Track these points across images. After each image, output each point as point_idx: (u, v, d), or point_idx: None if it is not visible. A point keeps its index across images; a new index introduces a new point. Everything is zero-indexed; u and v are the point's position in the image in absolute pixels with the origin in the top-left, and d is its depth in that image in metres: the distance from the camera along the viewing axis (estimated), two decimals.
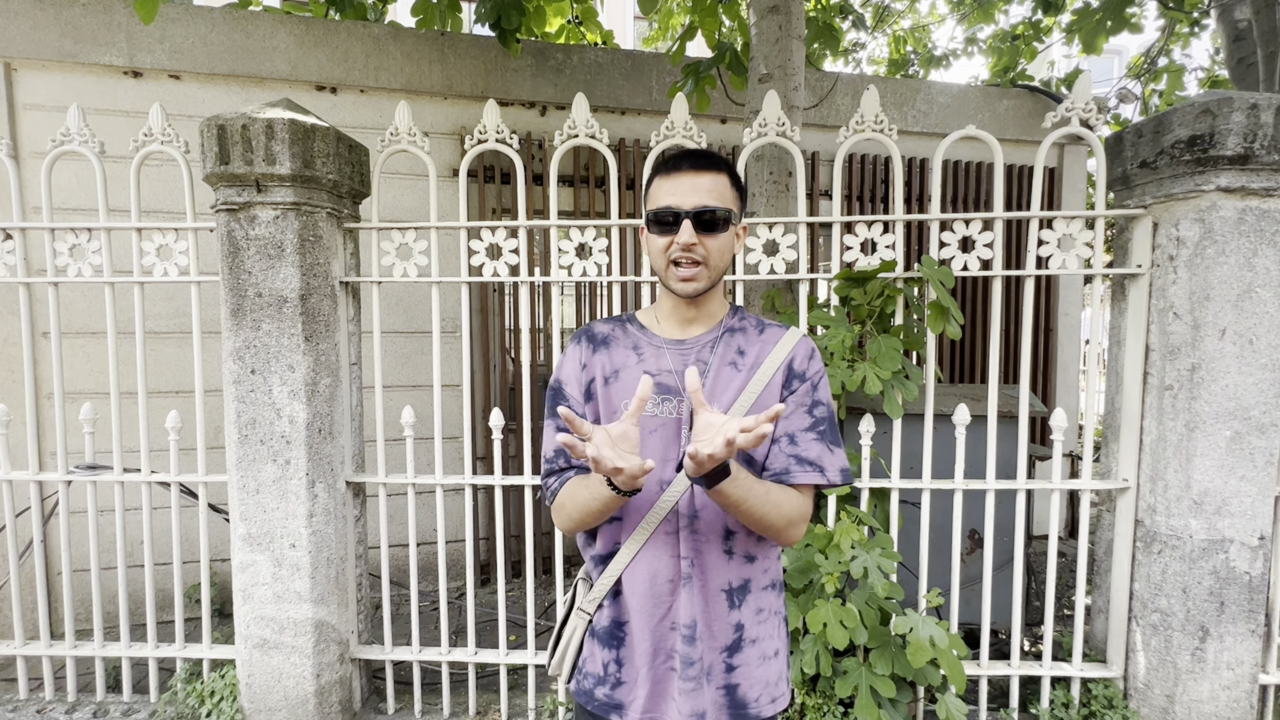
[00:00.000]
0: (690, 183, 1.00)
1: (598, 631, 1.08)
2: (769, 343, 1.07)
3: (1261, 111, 1.73)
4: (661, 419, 1.03)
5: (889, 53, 6.68)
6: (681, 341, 1.07)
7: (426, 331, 3.40)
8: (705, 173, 1.01)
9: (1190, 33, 5.29)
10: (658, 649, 1.03)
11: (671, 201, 1.00)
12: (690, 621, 1.01)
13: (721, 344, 1.07)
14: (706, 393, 1.02)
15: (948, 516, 2.21)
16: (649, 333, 1.09)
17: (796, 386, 1.05)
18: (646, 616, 1.03)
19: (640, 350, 1.08)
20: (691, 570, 1.02)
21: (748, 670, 1.04)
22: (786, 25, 2.42)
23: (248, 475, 1.99)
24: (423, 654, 2.17)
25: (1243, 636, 1.87)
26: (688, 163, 1.02)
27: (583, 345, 1.11)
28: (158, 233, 2.09)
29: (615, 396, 1.05)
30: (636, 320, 1.13)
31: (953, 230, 2.02)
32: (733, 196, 1.04)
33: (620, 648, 1.06)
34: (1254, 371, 1.82)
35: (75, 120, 2.05)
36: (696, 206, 0.99)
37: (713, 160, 1.03)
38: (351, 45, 3.26)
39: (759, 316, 1.14)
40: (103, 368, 3.03)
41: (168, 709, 2.10)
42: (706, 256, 1.01)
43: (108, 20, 2.97)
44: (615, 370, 1.07)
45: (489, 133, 2.06)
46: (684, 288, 1.02)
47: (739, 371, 1.05)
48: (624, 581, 1.05)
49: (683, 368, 1.04)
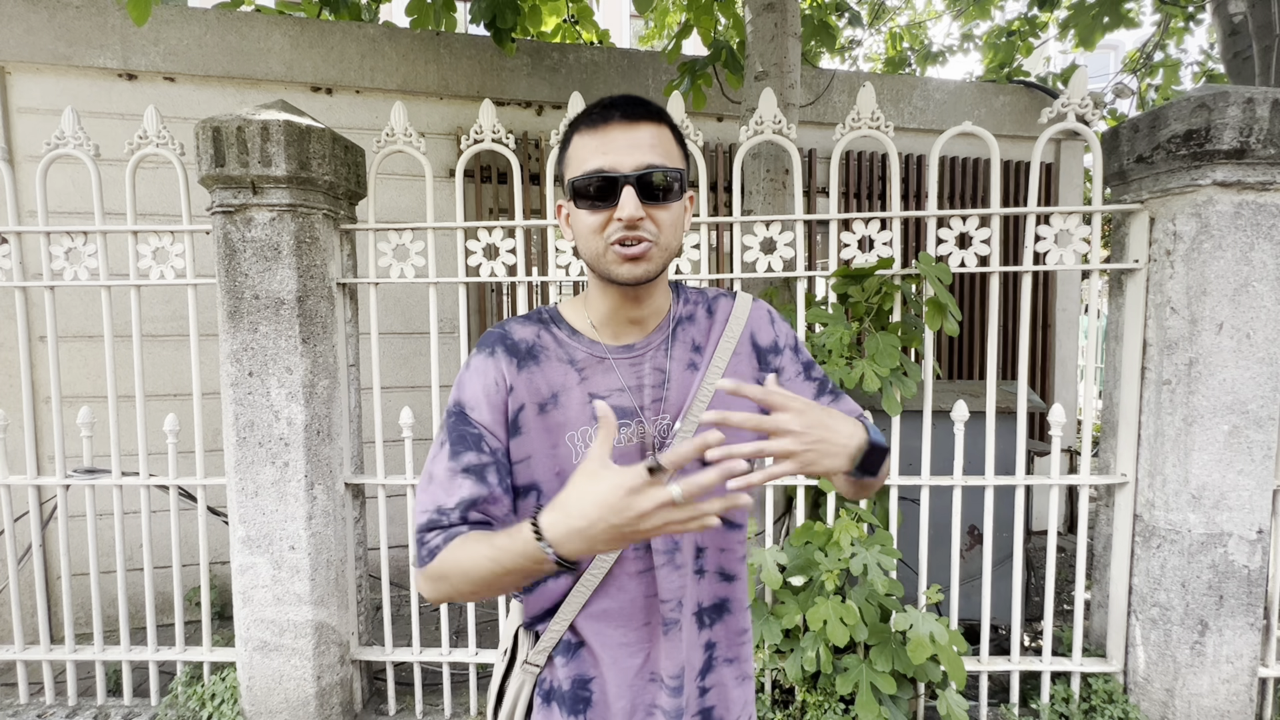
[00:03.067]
0: (627, 138, 0.76)
1: (555, 693, 0.86)
2: (720, 323, 0.89)
3: (1257, 106, 1.73)
4: (619, 450, 0.82)
5: (885, 49, 6.68)
6: (630, 348, 0.85)
7: (424, 332, 3.39)
8: (643, 123, 0.77)
9: (1185, 27, 5.30)
10: (636, 706, 0.84)
11: (603, 163, 0.75)
12: (676, 671, 0.84)
13: (676, 344, 0.86)
14: (672, 407, 0.85)
15: (947, 513, 2.21)
16: (585, 339, 0.85)
17: (778, 361, 0.90)
18: (619, 670, 0.83)
19: (579, 364, 0.83)
20: (676, 613, 0.84)
21: (723, 691, 0.89)
22: (782, 23, 2.42)
23: (246, 478, 1.98)
24: (424, 655, 2.17)
25: (1242, 630, 1.88)
26: (619, 113, 0.77)
27: (501, 360, 0.82)
28: (154, 235, 2.08)
29: (557, 428, 0.81)
30: (563, 321, 0.87)
31: (950, 227, 2.02)
32: (679, 154, 0.81)
33: (588, 709, 0.84)
34: (1251, 365, 1.83)
35: (70, 123, 2.05)
36: (639, 167, 0.75)
37: (649, 108, 0.78)
38: (346, 46, 3.25)
39: (703, 290, 0.93)
40: (100, 371, 3.02)
41: (169, 712, 2.09)
42: (657, 234, 0.77)
43: (101, 23, 2.96)
44: (554, 394, 0.82)
45: (485, 133, 2.06)
46: (631, 272, 0.77)
47: (697, 370, 0.86)
48: (582, 630, 0.84)
49: (638, 383, 0.83)
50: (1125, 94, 5.76)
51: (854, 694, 1.92)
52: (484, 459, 0.79)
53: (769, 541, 2.15)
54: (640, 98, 0.79)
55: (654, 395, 0.84)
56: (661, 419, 0.84)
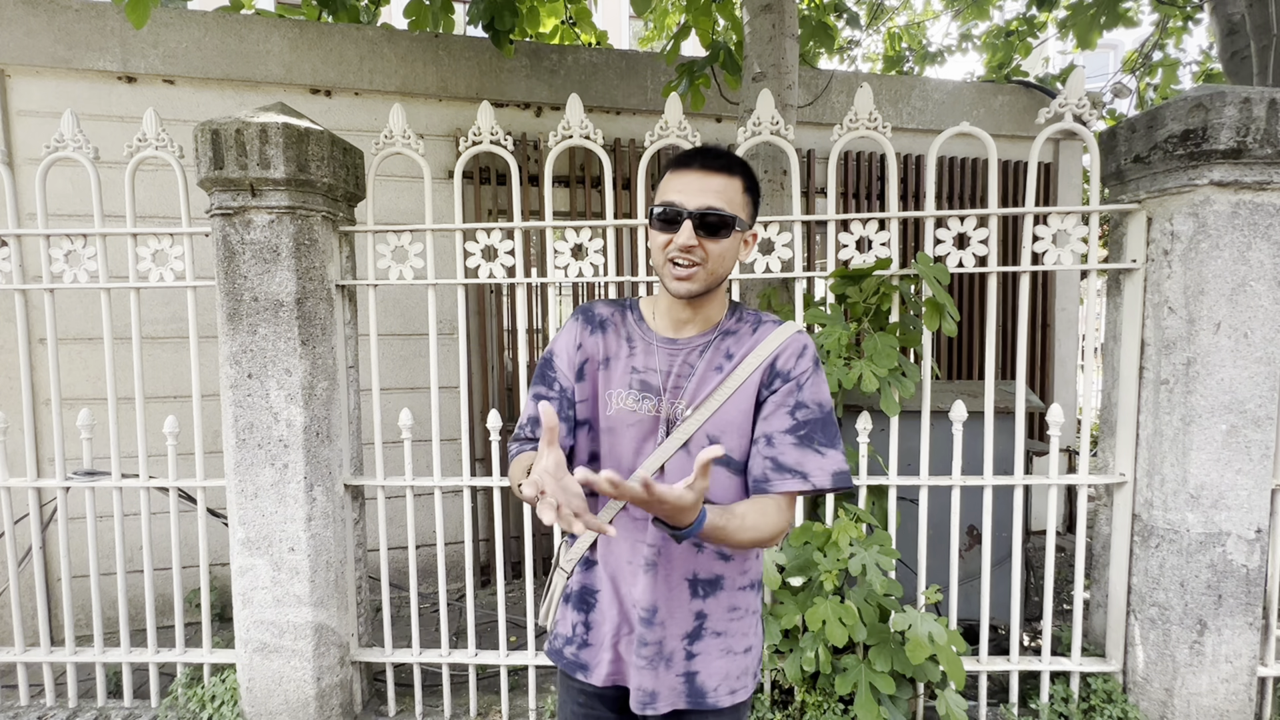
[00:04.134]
0: (699, 182, 0.97)
1: (570, 594, 1.12)
2: (758, 341, 1.04)
3: (1254, 105, 1.74)
4: (640, 415, 1.03)
5: (884, 50, 6.68)
6: (674, 341, 1.06)
7: (423, 334, 3.40)
8: (716, 174, 0.97)
9: (1184, 27, 5.30)
10: (622, 622, 1.06)
11: (676, 199, 0.97)
12: (649, 605, 1.02)
13: (712, 348, 1.05)
14: (688, 396, 1.02)
15: (946, 513, 2.21)
16: (645, 326, 1.08)
17: (778, 386, 1.01)
18: (615, 593, 1.06)
19: (633, 343, 1.07)
20: (656, 558, 1.02)
21: (708, 660, 1.05)
22: (780, 24, 2.42)
23: (246, 479, 1.99)
24: (423, 656, 2.17)
25: (1241, 629, 1.88)
26: (699, 161, 0.98)
27: (580, 323, 1.11)
28: (153, 238, 2.09)
29: (602, 383, 1.07)
30: (638, 309, 1.12)
31: (948, 227, 2.02)
32: (743, 202, 1.00)
33: (590, 612, 1.09)
34: (1249, 365, 1.83)
35: (69, 126, 2.05)
36: (701, 208, 0.95)
37: (727, 161, 0.99)
38: (345, 48, 3.25)
39: (760, 313, 1.10)
40: (100, 373, 3.02)
41: (169, 714, 2.10)
42: (705, 259, 0.97)
43: (101, 26, 2.97)
44: (607, 357, 1.07)
45: (484, 134, 2.06)
46: (678, 288, 0.99)
47: (721, 373, 1.03)
48: (598, 550, 1.09)
49: (669, 369, 1.04)
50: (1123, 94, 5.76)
51: (853, 694, 1.92)
52: (552, 393, 1.08)
53: None
54: (723, 151, 1.00)
55: (676, 383, 1.04)
56: (678, 403, 1.03)
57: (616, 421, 1.04)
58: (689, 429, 1.01)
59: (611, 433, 1.05)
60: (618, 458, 1.05)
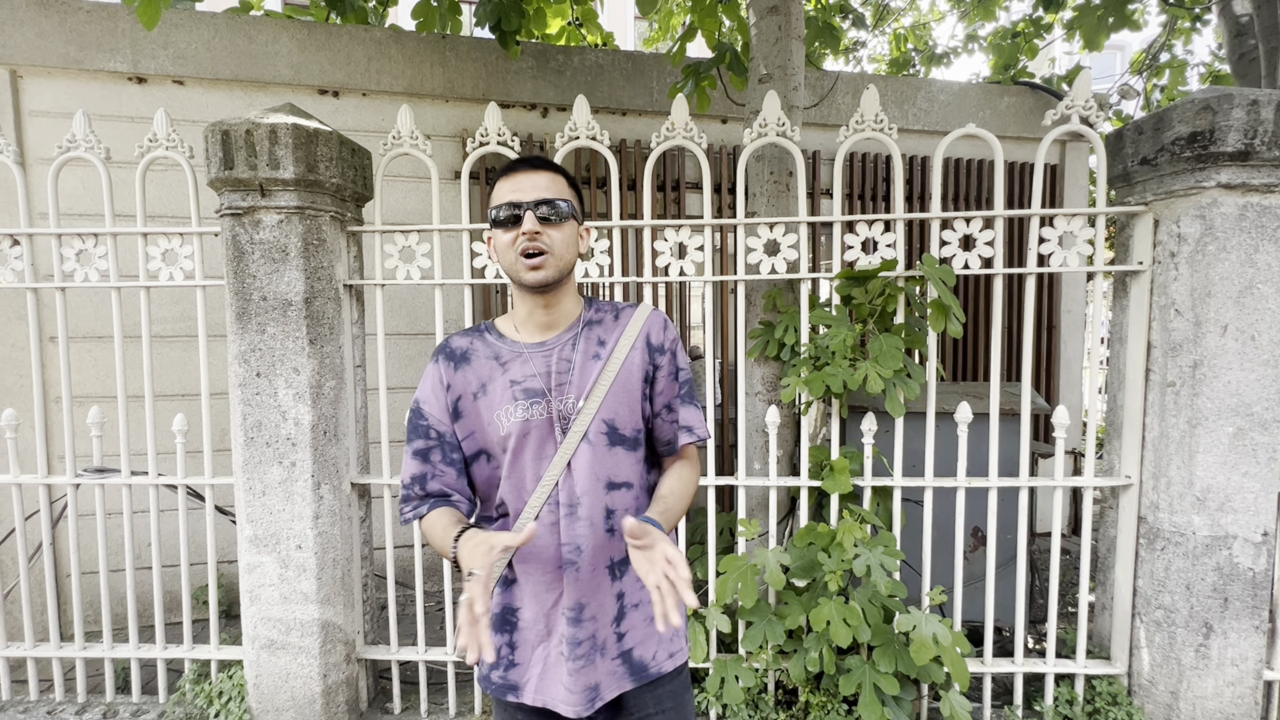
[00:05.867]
0: (529, 180, 1.07)
1: (492, 617, 1.11)
2: (624, 324, 1.13)
3: (1262, 107, 1.73)
4: (533, 421, 1.06)
5: (890, 51, 6.68)
6: (543, 344, 1.11)
7: (430, 333, 3.41)
8: (543, 172, 1.08)
9: (1192, 28, 5.28)
10: (549, 632, 1.08)
11: (513, 197, 1.05)
12: (575, 604, 1.06)
13: (582, 340, 1.11)
14: (575, 389, 1.07)
15: (950, 514, 2.21)
16: (509, 340, 1.12)
17: (660, 360, 1.12)
18: (538, 603, 1.08)
19: (503, 359, 1.10)
20: (576, 556, 1.06)
21: (636, 634, 1.10)
22: (786, 25, 2.43)
23: (254, 477, 2.00)
24: (428, 654, 2.18)
25: (1247, 633, 1.87)
26: (525, 165, 1.09)
27: (441, 363, 1.12)
28: (163, 237, 2.11)
29: (485, 410, 1.08)
30: (495, 329, 1.15)
31: (954, 229, 2.02)
32: (571, 194, 1.11)
33: (513, 632, 1.10)
34: (1256, 368, 1.82)
35: (81, 126, 2.07)
36: (537, 199, 1.05)
37: (548, 163, 1.10)
38: (353, 49, 3.27)
39: (614, 302, 1.18)
40: (110, 372, 3.05)
41: (176, 710, 2.11)
42: (552, 246, 1.05)
43: (112, 27, 3.00)
44: (482, 384, 1.09)
45: (490, 135, 2.07)
46: (533, 277, 1.05)
47: (600, 360, 1.10)
48: (515, 569, 1.10)
49: (547, 369, 1.08)
50: (1131, 95, 5.74)
51: (857, 695, 1.92)
52: (430, 443, 1.11)
53: (773, 542, 2.15)
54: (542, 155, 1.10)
55: (559, 380, 1.08)
56: (567, 398, 1.07)
57: (512, 435, 1.06)
58: (585, 420, 1.06)
59: (510, 449, 1.07)
60: (519, 471, 1.08)
